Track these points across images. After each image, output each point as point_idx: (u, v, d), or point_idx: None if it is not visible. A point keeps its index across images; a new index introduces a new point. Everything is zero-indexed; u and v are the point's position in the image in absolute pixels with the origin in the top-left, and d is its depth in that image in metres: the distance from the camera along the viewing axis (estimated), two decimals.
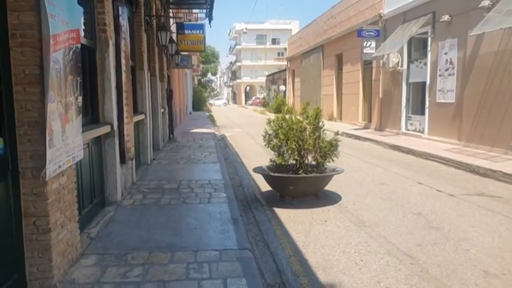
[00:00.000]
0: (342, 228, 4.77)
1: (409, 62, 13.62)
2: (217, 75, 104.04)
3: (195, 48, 14.60)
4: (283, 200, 5.87)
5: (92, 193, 4.93)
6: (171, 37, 11.80)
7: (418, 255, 3.98)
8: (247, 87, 66.80)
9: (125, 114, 6.04)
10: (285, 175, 5.63)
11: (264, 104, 41.91)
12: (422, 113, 12.83)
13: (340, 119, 20.38)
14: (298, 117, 5.89)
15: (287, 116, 5.88)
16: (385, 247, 4.19)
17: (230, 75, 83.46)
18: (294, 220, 5.11)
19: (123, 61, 5.94)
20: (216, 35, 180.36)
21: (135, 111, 8.43)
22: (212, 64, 67.62)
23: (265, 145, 5.91)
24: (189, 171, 8.16)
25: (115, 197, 5.55)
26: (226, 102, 67.56)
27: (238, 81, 70.99)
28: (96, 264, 3.54)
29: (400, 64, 13.71)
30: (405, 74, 13.74)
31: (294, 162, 5.87)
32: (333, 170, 5.91)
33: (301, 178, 5.55)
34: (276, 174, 5.67)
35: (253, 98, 55.82)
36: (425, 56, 12.55)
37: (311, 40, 24.64)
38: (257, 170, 6.06)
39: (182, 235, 4.36)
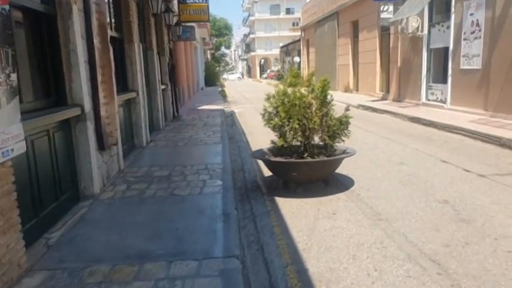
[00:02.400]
0: (352, 223, 3.98)
1: (430, 26, 12.40)
2: (232, 49, 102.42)
3: (198, 18, 13.65)
4: (287, 188, 5.09)
5: (58, 188, 4.23)
6: (167, 6, 10.87)
7: (446, 261, 3.17)
8: (262, 60, 65.20)
9: (102, 94, 5.28)
10: (285, 160, 4.83)
11: (279, 77, 40.68)
12: (445, 81, 11.72)
13: (357, 90, 19.28)
14: (303, 90, 5.02)
15: (289, 90, 5.03)
16: (405, 249, 3.39)
17: (244, 48, 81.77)
18: (296, 213, 4.34)
19: (95, 31, 5.13)
20: (229, 7, 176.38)
21: (126, 89, 7.71)
22: (226, 37, 66.10)
23: (265, 125, 5.10)
24: (187, 154, 7.43)
25: (91, 190, 4.86)
26: (241, 76, 66.27)
27: (252, 54, 69.31)
28: (40, 286, 2.85)
29: (420, 29, 12.50)
30: (426, 40, 12.54)
31: (299, 143, 5.06)
32: (344, 152, 5.08)
33: (305, 163, 4.74)
34: (276, 159, 4.88)
35: (268, 71, 54.40)
36: (449, 18, 11.32)
37: (325, 7, 23.23)
38: (256, 154, 5.27)
39: (159, 238, 3.65)
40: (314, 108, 4.80)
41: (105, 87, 5.41)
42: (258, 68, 64.61)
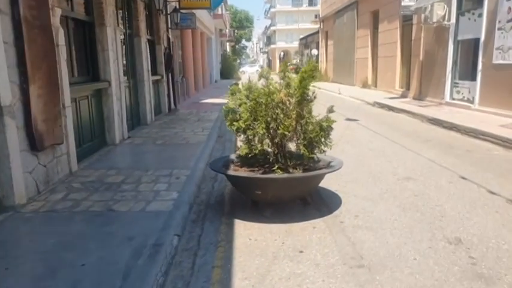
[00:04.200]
0: (321, 269, 2.88)
1: (459, 14, 10.97)
2: (254, 41, 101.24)
3: (200, 5, 12.57)
4: (256, 206, 4.02)
5: None
6: None
7: None
8: (282, 53, 63.59)
9: (37, 83, 4.33)
10: (245, 175, 3.75)
11: (297, 70, 39.29)
12: (473, 78, 10.32)
13: (375, 86, 17.90)
14: (277, 85, 3.92)
15: (260, 83, 3.95)
16: None
17: (265, 40, 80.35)
18: (253, 247, 3.27)
19: (24, 6, 4.15)
20: None
21: (96, 78, 6.78)
22: (246, 29, 64.98)
23: (228, 126, 4.03)
24: (158, 155, 6.43)
25: (12, 200, 3.93)
26: (259, 69, 64.88)
27: (272, 46, 67.77)
28: None
29: (446, 17, 11.11)
30: (453, 30, 11.13)
31: (271, 150, 3.98)
32: (328, 165, 3.96)
33: (270, 180, 3.65)
34: (234, 173, 3.80)
35: (288, 64, 53.01)
36: (481, 4, 9.90)
37: None
38: (215, 164, 4.16)
39: (51, 279, 2.67)
40: (289, 109, 3.70)
41: (42, 75, 4.45)
42: (277, 61, 63.07)
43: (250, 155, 3.79)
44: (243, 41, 64.88)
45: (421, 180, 4.91)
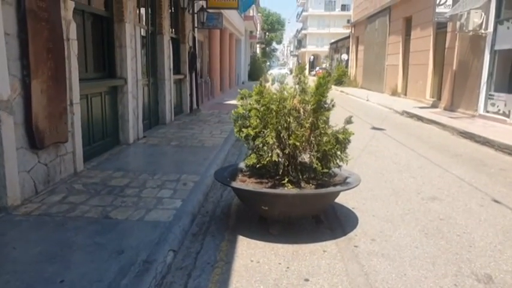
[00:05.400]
0: None
1: (497, 22, 10.30)
2: (285, 44, 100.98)
3: (227, 5, 12.36)
4: (264, 221, 3.68)
5: None
6: None
7: None
8: (312, 57, 62.99)
9: (39, 78, 4.13)
10: (250, 188, 3.41)
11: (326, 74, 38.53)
12: (510, 90, 9.68)
13: (405, 94, 17.23)
14: (291, 90, 3.58)
15: (274, 87, 3.62)
16: None
17: (296, 43, 79.85)
18: (254, 270, 2.93)
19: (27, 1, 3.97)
20: (284, 1, 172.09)
21: (112, 75, 6.61)
22: (278, 32, 64.74)
23: (236, 133, 3.71)
24: (169, 158, 6.19)
25: (4, 201, 3.74)
26: (289, 72, 64.43)
27: (303, 50, 67.25)
28: None
29: (483, 26, 10.46)
30: (490, 39, 10.46)
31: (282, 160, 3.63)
32: (344, 181, 3.57)
33: (278, 195, 3.30)
34: (238, 186, 3.46)
35: (317, 68, 52.30)
36: None
37: (378, 1, 21.17)
38: (221, 174, 3.82)
39: None
40: (303, 117, 3.35)
41: (47, 70, 4.26)
42: (307, 65, 62.55)
43: (258, 166, 3.45)
44: (274, 44, 64.56)
45: (447, 201, 4.45)
